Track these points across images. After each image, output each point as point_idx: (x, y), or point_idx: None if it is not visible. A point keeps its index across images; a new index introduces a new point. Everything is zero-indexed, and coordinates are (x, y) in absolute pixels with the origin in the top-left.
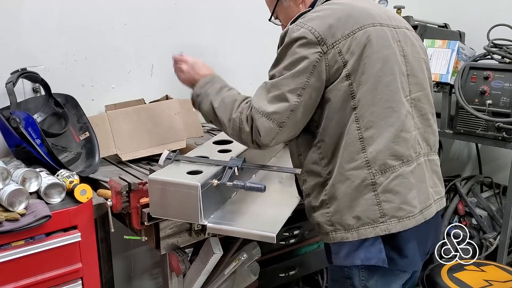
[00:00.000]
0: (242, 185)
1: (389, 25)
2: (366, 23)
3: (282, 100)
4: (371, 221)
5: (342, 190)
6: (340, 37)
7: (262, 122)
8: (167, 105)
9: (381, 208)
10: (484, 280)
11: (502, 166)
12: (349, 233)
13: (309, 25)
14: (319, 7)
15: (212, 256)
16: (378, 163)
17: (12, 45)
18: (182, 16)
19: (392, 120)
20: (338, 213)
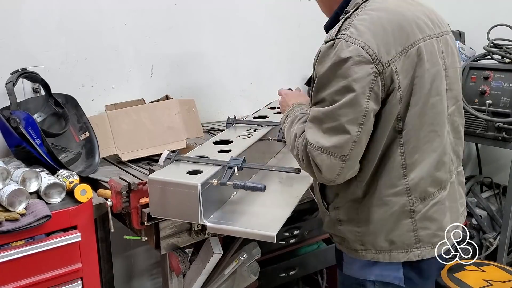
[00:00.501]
0: (242, 185)
1: (435, 35)
2: (417, 38)
3: (342, 132)
4: (405, 246)
5: (378, 215)
6: (395, 54)
7: (321, 158)
8: (167, 105)
9: (417, 234)
10: (484, 280)
11: (502, 166)
12: (380, 255)
13: (361, 40)
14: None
15: (212, 256)
16: (418, 191)
17: (12, 45)
18: (182, 16)
19: (435, 144)
20: (371, 235)
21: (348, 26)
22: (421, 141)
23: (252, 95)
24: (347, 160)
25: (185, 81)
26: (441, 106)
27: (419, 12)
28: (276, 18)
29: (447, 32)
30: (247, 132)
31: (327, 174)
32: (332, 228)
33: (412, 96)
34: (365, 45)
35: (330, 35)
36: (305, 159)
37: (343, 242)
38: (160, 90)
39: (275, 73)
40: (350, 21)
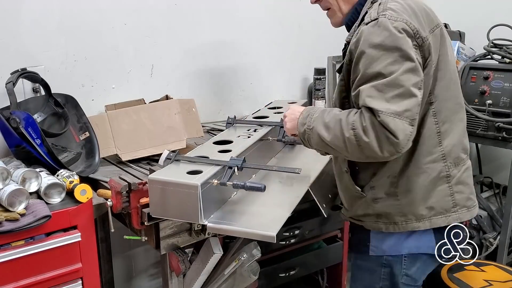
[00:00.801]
0: (242, 185)
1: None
2: (438, 21)
3: (409, 96)
4: (444, 211)
5: (418, 183)
6: (428, 32)
7: (395, 123)
8: (167, 105)
9: (453, 198)
10: (484, 280)
11: (502, 166)
12: (421, 223)
13: (403, 18)
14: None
15: (212, 256)
16: (452, 156)
17: (12, 45)
18: (182, 16)
19: (461, 115)
20: (412, 204)
21: (385, 9)
22: (450, 111)
23: (252, 95)
24: (414, 124)
25: (185, 81)
26: (459, 82)
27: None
28: (276, 18)
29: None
30: (247, 132)
31: (403, 140)
32: (365, 209)
33: (439, 71)
34: (407, 21)
35: (370, 16)
36: (372, 130)
37: (380, 219)
38: (160, 90)
39: (275, 74)
40: (383, 6)
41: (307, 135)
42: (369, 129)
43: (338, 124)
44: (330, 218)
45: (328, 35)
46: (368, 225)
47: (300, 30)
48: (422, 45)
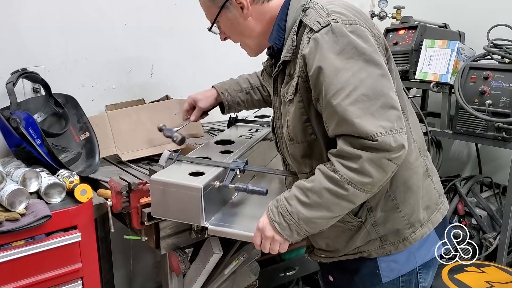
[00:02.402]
0: (244, 188)
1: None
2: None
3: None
4: (435, 206)
5: (413, 185)
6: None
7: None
8: (167, 105)
9: (436, 190)
10: (485, 281)
11: (502, 166)
12: (425, 227)
13: (354, 19)
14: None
15: (212, 256)
16: (422, 149)
17: (12, 45)
18: (182, 16)
19: (410, 107)
20: (414, 211)
21: (329, 13)
22: (405, 105)
23: None
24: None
25: (185, 81)
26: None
27: None
28: None
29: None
30: (249, 132)
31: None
32: (365, 238)
33: (389, 67)
34: (360, 22)
35: (319, 22)
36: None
37: (386, 242)
38: (160, 90)
39: None
40: (325, 10)
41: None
42: (365, 166)
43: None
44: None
45: None
46: (374, 253)
47: None
48: (380, 44)
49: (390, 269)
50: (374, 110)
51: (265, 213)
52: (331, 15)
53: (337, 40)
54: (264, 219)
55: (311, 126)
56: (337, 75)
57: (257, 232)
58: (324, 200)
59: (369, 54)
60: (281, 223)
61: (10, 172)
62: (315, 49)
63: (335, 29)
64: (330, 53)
